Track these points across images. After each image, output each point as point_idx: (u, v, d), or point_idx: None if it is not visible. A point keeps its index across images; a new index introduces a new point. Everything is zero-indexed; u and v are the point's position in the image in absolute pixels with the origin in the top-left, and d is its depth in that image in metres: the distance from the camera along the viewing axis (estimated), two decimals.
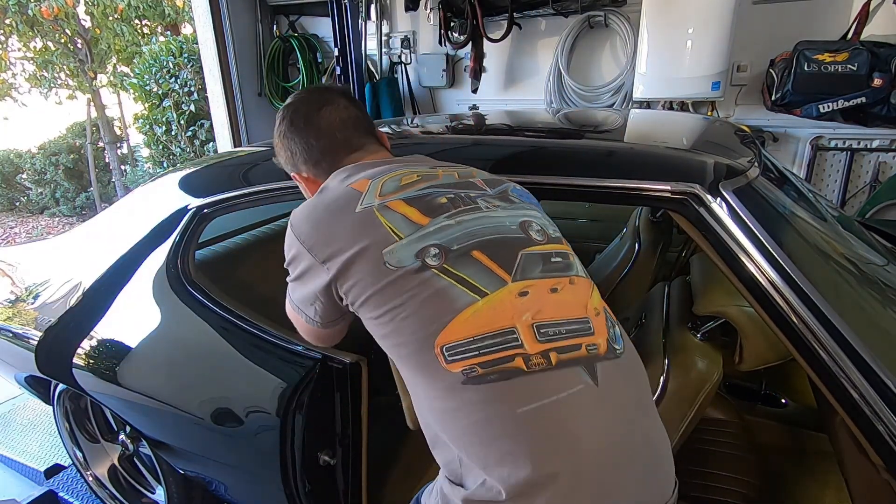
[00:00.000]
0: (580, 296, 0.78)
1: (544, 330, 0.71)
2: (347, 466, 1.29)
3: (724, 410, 1.60)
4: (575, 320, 0.74)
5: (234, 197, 1.34)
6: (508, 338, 0.69)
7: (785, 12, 2.76)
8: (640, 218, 2.10)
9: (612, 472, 0.68)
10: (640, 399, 0.76)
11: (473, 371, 0.67)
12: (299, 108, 0.95)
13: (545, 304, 0.72)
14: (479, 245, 0.75)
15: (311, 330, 0.91)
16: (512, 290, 0.72)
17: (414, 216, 0.77)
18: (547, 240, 0.82)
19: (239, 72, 4.03)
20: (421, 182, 0.82)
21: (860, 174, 2.84)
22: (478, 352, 0.68)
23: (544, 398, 0.67)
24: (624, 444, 0.70)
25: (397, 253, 0.73)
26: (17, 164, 8.21)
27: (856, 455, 0.88)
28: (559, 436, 0.66)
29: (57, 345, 1.59)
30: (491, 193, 0.85)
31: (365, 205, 0.78)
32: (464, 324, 0.69)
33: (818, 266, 0.95)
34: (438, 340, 0.69)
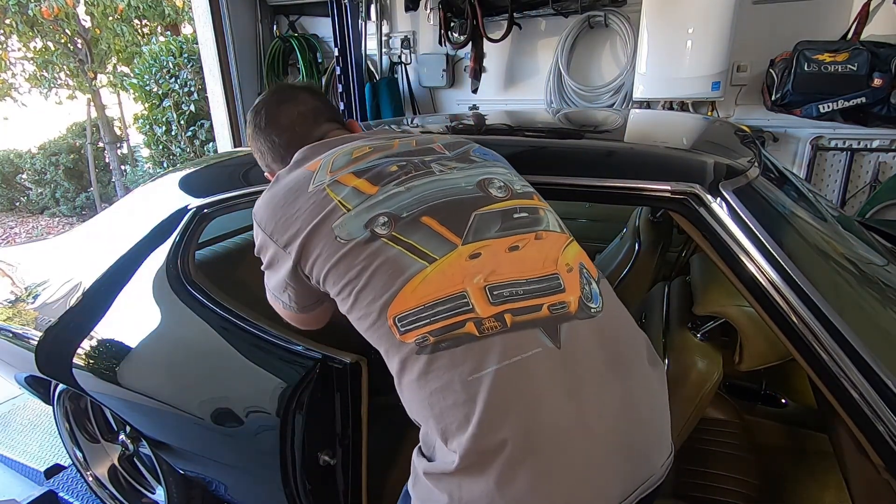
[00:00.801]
0: (547, 251, 0.74)
1: (497, 292, 0.68)
2: (347, 466, 1.29)
3: (724, 410, 1.60)
4: (538, 278, 0.71)
5: (234, 197, 1.34)
6: (459, 303, 0.67)
7: (785, 12, 2.76)
8: (640, 218, 2.10)
9: (575, 440, 0.65)
10: (618, 360, 0.71)
11: (426, 340, 0.66)
12: (261, 108, 0.97)
13: (500, 263, 0.70)
14: (429, 210, 0.73)
15: (292, 315, 0.93)
16: (462, 252, 0.70)
17: (363, 187, 0.76)
18: (510, 195, 0.78)
19: (239, 72, 4.03)
20: (373, 154, 0.81)
21: (860, 174, 2.84)
22: (429, 320, 0.67)
23: (495, 363, 0.64)
24: (590, 409, 0.66)
25: (347, 225, 0.73)
26: (17, 164, 8.21)
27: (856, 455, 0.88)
28: (509, 402, 0.64)
29: (57, 345, 1.59)
30: (449, 156, 0.84)
31: (316, 183, 0.78)
32: (413, 292, 0.68)
33: (818, 266, 0.95)
34: (390, 311, 0.68)
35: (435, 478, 0.68)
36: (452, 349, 0.65)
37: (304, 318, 0.92)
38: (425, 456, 0.72)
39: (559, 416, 0.65)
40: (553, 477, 0.63)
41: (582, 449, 0.65)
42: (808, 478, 1.44)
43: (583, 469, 0.65)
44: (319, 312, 0.91)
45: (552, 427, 0.64)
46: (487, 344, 0.65)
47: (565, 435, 0.65)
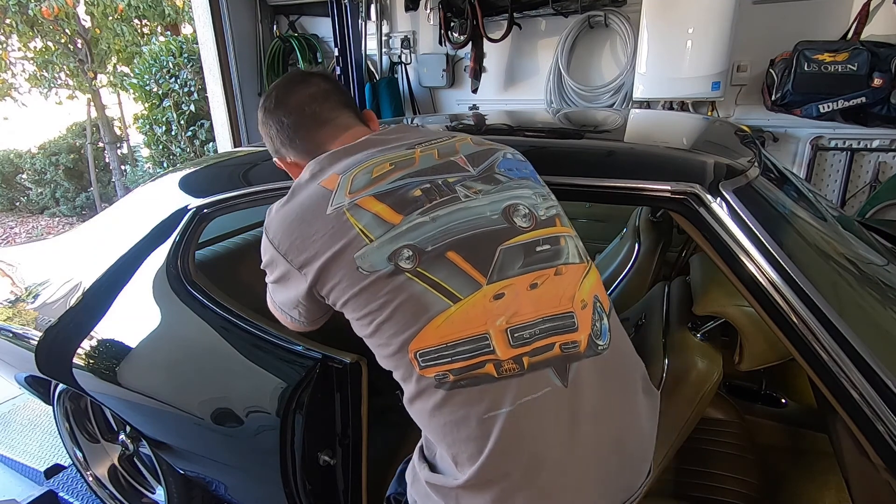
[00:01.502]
0: (565, 287, 0.74)
1: (518, 334, 0.70)
2: (347, 466, 1.29)
3: (724, 410, 1.60)
4: (553, 316, 0.72)
5: (234, 197, 1.34)
6: (480, 344, 0.68)
7: (785, 12, 2.76)
8: (640, 218, 2.10)
9: (569, 471, 0.70)
10: (615, 395, 0.76)
11: (446, 377, 0.69)
12: (271, 92, 0.94)
13: (521, 304, 0.71)
14: (455, 244, 0.72)
15: (298, 328, 0.92)
16: (486, 293, 0.70)
17: (385, 214, 0.73)
18: (534, 225, 0.77)
19: (239, 72, 4.03)
20: (394, 172, 0.77)
21: (860, 174, 2.84)
22: (450, 359, 0.68)
23: (509, 405, 0.67)
24: (587, 444, 0.71)
25: (369, 257, 0.71)
26: (17, 164, 8.21)
27: (856, 455, 0.88)
28: (518, 439, 0.68)
29: (57, 345, 1.59)
30: (474, 175, 0.80)
31: (335, 205, 0.75)
32: (436, 330, 0.69)
33: (818, 266, 0.95)
34: (412, 346, 0.69)
35: (436, 487, 0.73)
36: (470, 388, 0.68)
37: (310, 328, 0.93)
38: (428, 462, 0.77)
39: (559, 452, 0.69)
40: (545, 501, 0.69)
41: (575, 479, 0.70)
42: (808, 478, 1.44)
43: (573, 494, 0.70)
44: (323, 319, 0.91)
45: (552, 461, 0.69)
46: (504, 385, 0.68)
47: (562, 467, 0.69)
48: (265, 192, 1.30)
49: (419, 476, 0.76)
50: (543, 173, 1.06)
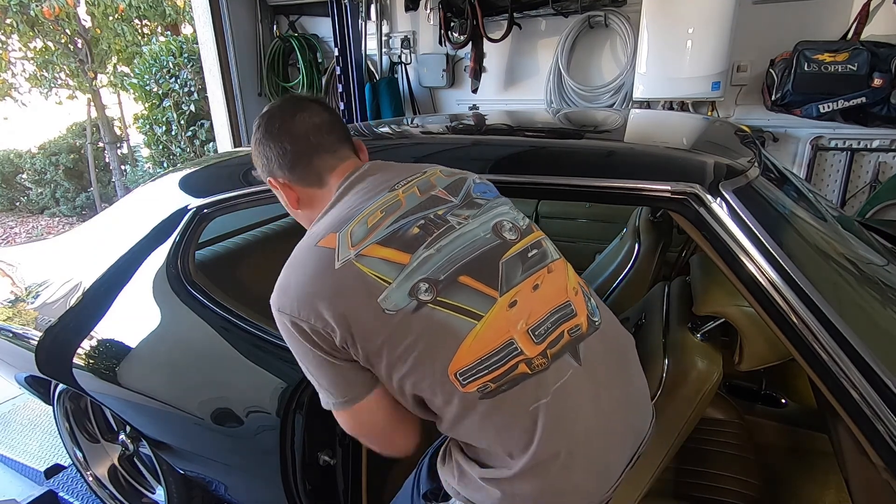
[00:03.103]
0: (558, 281, 0.84)
1: (538, 331, 0.78)
2: (347, 466, 1.29)
3: (724, 410, 1.60)
4: (557, 307, 0.81)
5: (234, 197, 1.34)
6: (510, 349, 0.75)
7: (785, 12, 2.76)
8: (640, 218, 2.10)
9: (599, 435, 0.80)
10: (620, 357, 0.88)
11: (487, 387, 0.75)
12: (275, 114, 0.94)
13: (532, 304, 0.79)
14: (463, 268, 0.78)
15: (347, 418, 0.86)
16: (502, 304, 0.77)
17: (394, 256, 0.78)
18: (520, 235, 0.86)
19: (239, 72, 4.03)
20: (387, 217, 0.82)
21: (860, 174, 2.84)
22: (486, 371, 0.75)
23: (547, 395, 0.76)
24: (605, 409, 0.81)
25: (392, 297, 0.75)
26: (17, 164, 8.21)
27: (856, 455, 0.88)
28: (557, 424, 0.76)
29: (57, 345, 1.59)
30: (457, 203, 0.87)
31: (342, 260, 0.77)
32: (469, 350, 0.74)
33: (818, 266, 0.95)
34: (451, 368, 0.74)
35: (491, 481, 0.78)
36: (512, 389, 0.75)
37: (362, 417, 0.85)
38: (475, 460, 0.82)
39: (592, 422, 0.79)
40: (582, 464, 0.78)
41: (606, 440, 0.82)
42: (808, 478, 1.44)
43: (609, 454, 0.82)
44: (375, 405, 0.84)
45: (589, 432, 0.79)
46: (539, 379, 0.76)
47: (597, 433, 0.80)
48: (265, 192, 1.30)
49: (469, 474, 0.81)
50: (543, 173, 1.06)
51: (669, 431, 1.15)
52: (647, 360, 1.17)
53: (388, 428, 0.87)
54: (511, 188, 1.07)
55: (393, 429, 0.87)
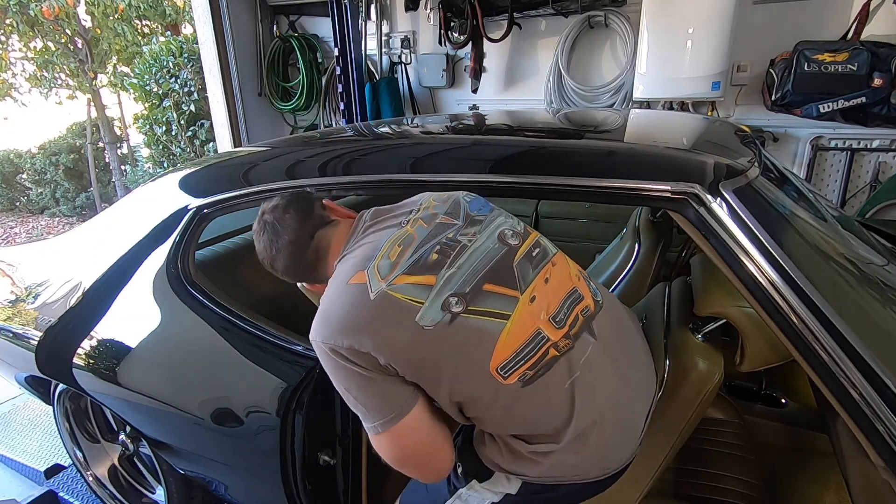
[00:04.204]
0: (563, 272, 0.95)
1: (557, 318, 0.88)
2: (347, 466, 1.29)
3: (724, 410, 1.60)
4: (568, 294, 0.92)
5: (234, 197, 1.34)
6: (538, 339, 0.85)
7: (785, 12, 2.76)
8: (640, 218, 2.10)
9: (622, 399, 0.92)
10: (624, 328, 1.00)
11: (526, 376, 0.84)
12: (270, 253, 1.00)
13: (548, 297, 0.89)
14: (484, 278, 0.87)
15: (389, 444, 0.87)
16: (524, 301, 0.86)
17: (421, 281, 0.85)
18: (521, 240, 0.95)
19: (239, 72, 4.03)
20: (406, 250, 0.89)
21: (860, 174, 2.84)
22: (523, 361, 0.83)
23: (576, 370, 0.86)
24: (623, 372, 0.93)
25: (427, 315, 0.82)
26: (17, 164, 8.21)
27: (856, 455, 0.88)
28: (589, 394, 0.87)
29: (57, 345, 1.59)
30: (462, 224, 0.94)
31: (376, 292, 0.83)
32: (504, 347, 0.83)
33: (818, 266, 0.95)
34: (492, 365, 0.82)
35: (541, 454, 0.88)
36: (548, 372, 0.85)
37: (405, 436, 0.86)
38: (523, 439, 0.89)
39: (617, 387, 0.91)
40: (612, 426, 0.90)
41: (630, 400, 0.94)
42: (808, 478, 1.44)
43: (633, 413, 0.94)
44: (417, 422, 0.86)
45: (610, 397, 0.90)
46: (567, 358, 0.86)
47: (621, 396, 0.92)
48: (265, 192, 1.30)
49: (518, 450, 0.89)
50: (543, 173, 1.06)
51: (670, 431, 1.15)
52: None
53: (430, 447, 0.89)
54: (511, 188, 1.07)
55: (435, 448, 0.89)
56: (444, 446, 0.90)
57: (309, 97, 4.04)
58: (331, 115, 4.11)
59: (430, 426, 0.88)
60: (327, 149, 1.36)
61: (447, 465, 0.92)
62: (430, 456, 0.90)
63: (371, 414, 0.85)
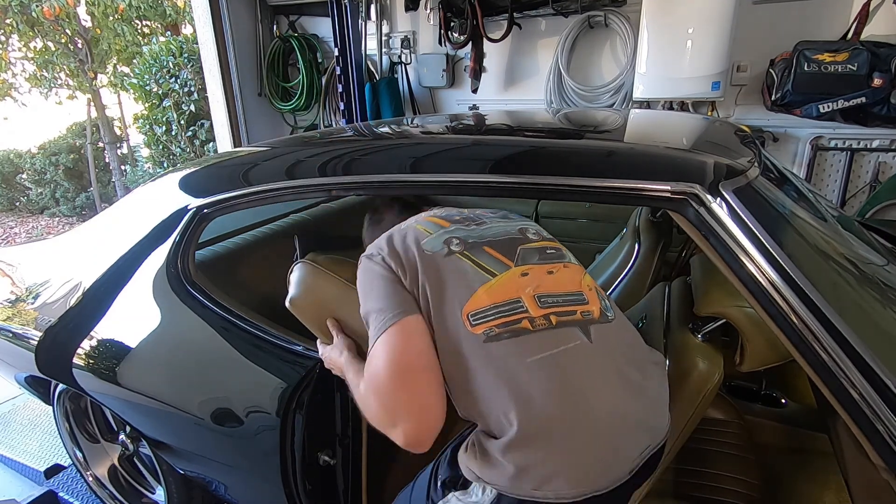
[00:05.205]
0: (574, 276, 0.98)
1: (544, 299, 0.90)
2: (347, 466, 1.29)
3: (724, 410, 1.60)
4: (570, 293, 0.94)
5: (234, 197, 1.34)
6: (515, 306, 0.88)
7: (785, 12, 2.76)
8: (640, 218, 2.10)
9: (606, 417, 0.85)
10: (631, 355, 0.94)
11: (492, 332, 0.86)
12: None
13: (543, 281, 0.93)
14: (488, 243, 0.97)
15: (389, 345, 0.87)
16: (515, 272, 0.93)
17: (440, 222, 1.02)
18: (541, 239, 1.04)
19: (239, 72, 4.03)
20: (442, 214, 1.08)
21: (860, 174, 2.84)
22: (493, 317, 0.87)
23: (547, 350, 0.85)
24: (615, 389, 0.88)
25: (430, 243, 0.96)
26: (17, 164, 8.22)
27: (856, 455, 0.88)
28: (561, 380, 0.84)
29: (57, 345, 1.59)
30: (492, 215, 1.08)
31: (409, 227, 1.01)
32: (481, 297, 0.89)
33: (818, 266, 0.95)
34: (465, 309, 0.88)
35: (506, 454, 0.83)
36: (512, 338, 0.86)
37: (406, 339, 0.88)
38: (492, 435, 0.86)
39: (598, 398, 0.85)
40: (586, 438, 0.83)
41: (611, 421, 0.85)
42: (808, 478, 1.44)
43: (610, 440, 0.85)
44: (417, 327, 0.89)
45: (591, 407, 0.84)
46: (540, 336, 0.86)
47: (602, 411, 0.85)
48: (265, 192, 1.30)
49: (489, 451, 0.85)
50: (544, 173, 1.06)
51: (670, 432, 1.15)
52: None
53: (424, 364, 0.88)
54: (511, 188, 1.07)
55: (428, 371, 0.87)
56: (436, 380, 0.87)
57: (309, 97, 4.04)
58: (331, 115, 4.11)
59: (428, 342, 0.88)
60: (327, 149, 1.36)
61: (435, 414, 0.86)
62: (422, 377, 0.87)
63: (383, 310, 0.89)
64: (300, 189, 1.26)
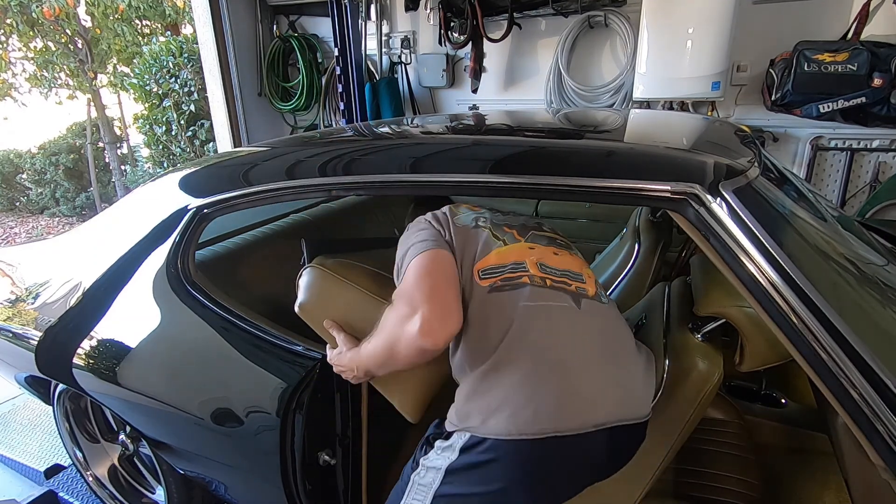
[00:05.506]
0: (577, 262, 1.12)
1: (545, 268, 1.04)
2: (347, 466, 1.29)
3: (724, 410, 1.60)
4: (571, 271, 1.07)
5: (234, 197, 1.33)
6: (519, 266, 1.03)
7: (785, 12, 2.76)
8: (640, 218, 2.10)
9: (579, 364, 0.96)
10: (618, 339, 1.05)
11: (495, 285, 1.01)
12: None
13: (547, 256, 1.08)
14: (508, 224, 1.15)
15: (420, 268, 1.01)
16: (523, 245, 1.09)
17: (471, 208, 1.21)
18: (554, 233, 1.18)
19: (239, 72, 4.03)
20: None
21: (860, 174, 2.84)
22: (499, 274, 1.02)
23: (539, 301, 0.99)
24: (593, 350, 0.99)
25: (461, 218, 1.14)
26: (17, 164, 8.22)
27: (856, 455, 0.88)
28: (545, 324, 0.98)
29: (57, 345, 1.59)
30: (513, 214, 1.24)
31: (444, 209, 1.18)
32: (492, 258, 1.05)
33: (818, 266, 0.95)
34: (476, 266, 1.04)
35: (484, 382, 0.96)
36: (511, 290, 1.00)
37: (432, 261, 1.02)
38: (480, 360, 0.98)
39: (572, 350, 0.97)
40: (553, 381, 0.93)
41: (583, 371, 0.96)
42: (808, 478, 1.44)
43: (577, 384, 0.95)
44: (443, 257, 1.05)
45: (562, 356, 0.96)
46: (533, 290, 1.00)
47: (575, 365, 0.96)
48: (265, 192, 1.30)
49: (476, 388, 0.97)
50: (544, 173, 1.06)
51: (670, 432, 1.15)
52: None
53: (445, 282, 1.01)
54: (511, 188, 1.07)
55: (450, 288, 1.00)
56: (455, 294, 1.00)
57: (309, 97, 4.04)
58: (331, 115, 4.11)
59: (455, 271, 1.03)
60: (327, 149, 1.36)
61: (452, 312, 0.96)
62: (445, 282, 1.00)
63: (421, 242, 1.05)
64: (300, 189, 1.26)
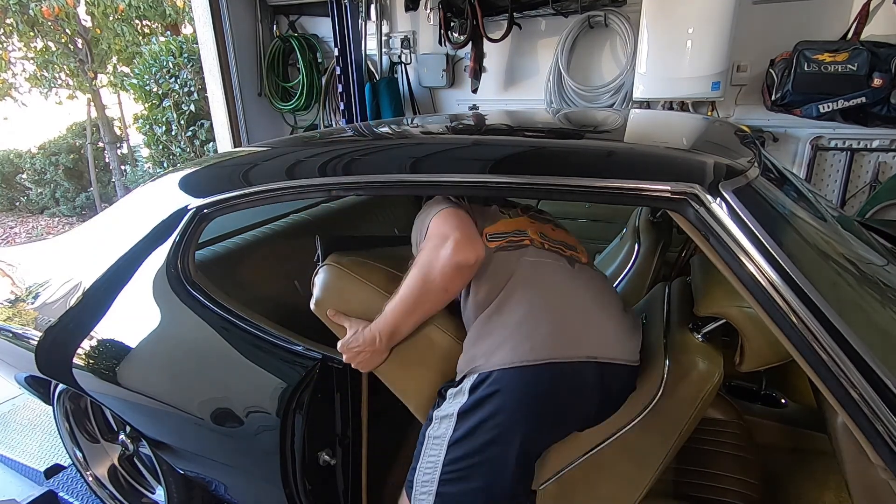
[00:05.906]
0: (572, 239, 1.26)
1: (543, 236, 1.19)
2: (347, 466, 1.29)
3: (724, 410, 1.60)
4: (566, 243, 1.23)
5: (234, 197, 1.33)
6: (521, 233, 1.19)
7: (785, 12, 2.76)
8: (640, 218, 2.10)
9: (572, 303, 1.13)
10: (606, 292, 1.20)
11: (501, 246, 1.16)
12: None
13: (546, 229, 1.24)
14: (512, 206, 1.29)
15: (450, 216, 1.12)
16: (526, 218, 1.24)
17: None
18: (551, 216, 1.33)
19: (239, 72, 4.03)
20: None
21: (860, 174, 2.84)
22: (504, 238, 1.17)
23: (538, 258, 1.15)
24: (586, 297, 1.14)
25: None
26: (17, 164, 8.22)
27: (856, 455, 0.88)
28: (542, 276, 1.14)
29: (57, 345, 1.59)
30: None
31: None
32: (499, 225, 1.20)
33: (818, 266, 0.95)
34: (486, 231, 1.18)
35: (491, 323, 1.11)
36: (513, 249, 1.16)
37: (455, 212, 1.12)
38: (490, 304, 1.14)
39: (566, 295, 1.14)
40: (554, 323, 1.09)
41: (576, 309, 1.13)
42: (808, 478, 1.44)
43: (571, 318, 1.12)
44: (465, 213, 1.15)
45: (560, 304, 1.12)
46: (532, 249, 1.16)
47: (569, 300, 1.13)
48: (265, 192, 1.30)
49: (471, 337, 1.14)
50: (544, 173, 1.06)
51: (670, 432, 1.15)
52: (648, 360, 1.17)
53: (467, 227, 1.11)
54: (511, 188, 1.07)
55: (472, 230, 1.12)
56: (477, 235, 1.12)
57: (309, 97, 4.04)
58: (331, 115, 4.11)
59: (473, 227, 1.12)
60: (327, 149, 1.36)
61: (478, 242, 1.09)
62: (470, 225, 1.12)
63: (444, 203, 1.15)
64: (300, 189, 1.26)
